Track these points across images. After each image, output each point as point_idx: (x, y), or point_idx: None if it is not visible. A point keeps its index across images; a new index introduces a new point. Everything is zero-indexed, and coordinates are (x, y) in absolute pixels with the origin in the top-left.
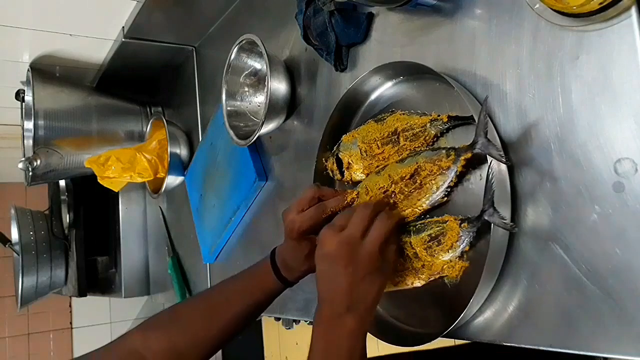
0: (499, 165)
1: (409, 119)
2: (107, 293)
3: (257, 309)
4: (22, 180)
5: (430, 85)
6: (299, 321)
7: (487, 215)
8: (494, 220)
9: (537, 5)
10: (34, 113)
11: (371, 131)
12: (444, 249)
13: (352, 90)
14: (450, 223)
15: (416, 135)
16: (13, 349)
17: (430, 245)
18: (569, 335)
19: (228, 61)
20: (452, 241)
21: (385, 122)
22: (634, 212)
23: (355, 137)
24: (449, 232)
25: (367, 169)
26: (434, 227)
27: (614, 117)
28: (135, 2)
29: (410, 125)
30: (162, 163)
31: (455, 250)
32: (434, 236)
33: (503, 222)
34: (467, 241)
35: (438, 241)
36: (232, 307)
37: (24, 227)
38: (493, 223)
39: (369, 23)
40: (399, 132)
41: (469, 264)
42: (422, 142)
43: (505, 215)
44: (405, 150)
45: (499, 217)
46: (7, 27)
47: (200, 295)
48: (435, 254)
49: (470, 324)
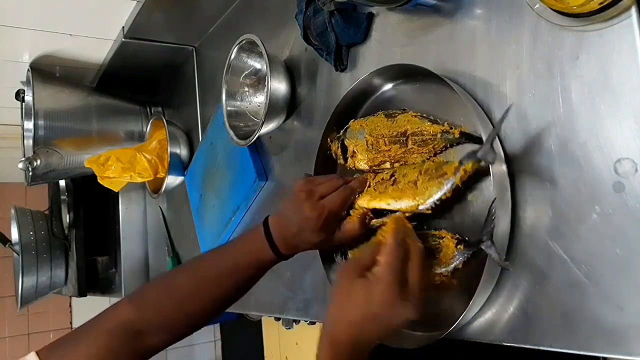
0: (502, 178)
1: (420, 123)
2: (107, 293)
3: (250, 282)
4: (22, 180)
5: (431, 86)
6: (299, 321)
7: (485, 246)
8: (490, 253)
9: (537, 5)
10: (34, 113)
11: (380, 126)
12: (438, 263)
13: (349, 94)
14: (446, 241)
15: (425, 142)
16: (13, 349)
17: (426, 256)
18: (569, 335)
19: (228, 61)
20: (447, 259)
21: (396, 121)
22: (634, 212)
23: (364, 127)
24: (444, 249)
25: (371, 161)
26: (430, 241)
27: (614, 117)
28: (135, 2)
29: (420, 130)
30: (162, 163)
31: (448, 266)
32: (430, 250)
33: (498, 257)
34: (460, 260)
35: (434, 255)
36: (224, 282)
37: (24, 227)
38: (489, 255)
39: (369, 23)
40: (409, 134)
41: (457, 284)
42: (430, 150)
43: (501, 251)
44: (412, 154)
45: (496, 252)
46: (7, 27)
47: (191, 267)
48: (431, 266)
49: (471, 325)
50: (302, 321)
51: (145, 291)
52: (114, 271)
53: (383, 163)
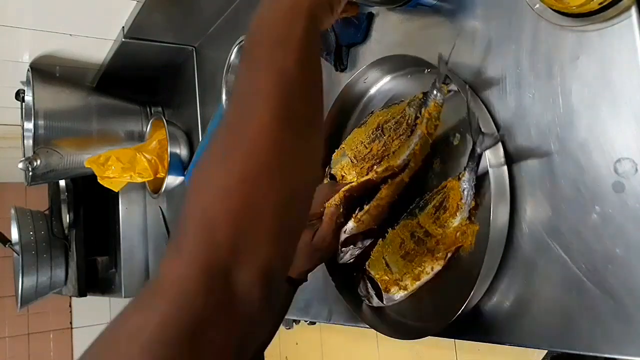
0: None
1: (388, 111)
2: (107, 293)
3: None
4: (22, 180)
5: (426, 78)
6: (299, 321)
7: (479, 144)
8: (487, 144)
9: (537, 5)
10: (34, 113)
11: (356, 136)
12: (451, 213)
13: (348, 87)
14: (449, 184)
15: (398, 122)
16: (13, 349)
17: (438, 215)
18: (569, 335)
19: (228, 61)
20: (457, 200)
21: (367, 123)
22: (634, 212)
23: (343, 148)
24: (450, 193)
25: (360, 174)
26: (436, 197)
27: (614, 117)
28: (135, 2)
29: (390, 115)
30: (162, 163)
31: (462, 210)
32: (438, 205)
33: (494, 139)
34: (470, 194)
35: (444, 208)
36: None
37: (24, 227)
38: (487, 148)
39: (369, 23)
40: (382, 125)
41: (479, 226)
42: (405, 128)
43: (493, 131)
44: (393, 141)
45: (490, 138)
46: (7, 27)
47: None
48: (445, 223)
49: (471, 324)
50: (302, 321)
51: None
52: (114, 271)
53: (370, 170)
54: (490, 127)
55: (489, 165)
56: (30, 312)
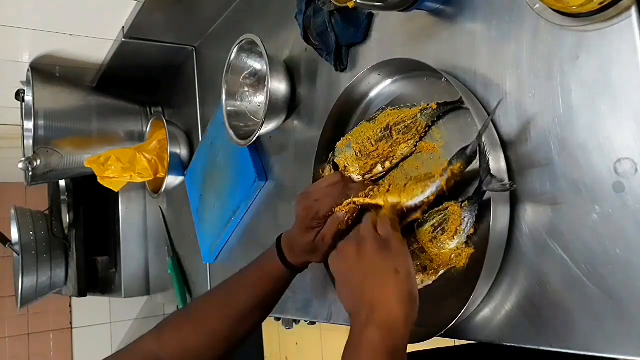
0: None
1: (399, 112)
2: (107, 293)
3: (268, 298)
4: (22, 180)
5: (428, 82)
6: (299, 321)
7: (485, 184)
8: (494, 187)
9: (537, 5)
10: (34, 113)
11: (364, 131)
12: (449, 236)
13: (350, 89)
14: (451, 207)
15: (408, 127)
16: (13, 349)
17: (435, 235)
18: (569, 335)
19: (228, 61)
20: (456, 225)
21: (377, 120)
22: (634, 212)
23: (349, 140)
24: (451, 217)
25: (363, 169)
26: (436, 217)
27: (614, 117)
28: (135, 2)
29: (401, 118)
30: (162, 163)
31: (460, 235)
32: (437, 225)
33: (502, 186)
34: (470, 222)
35: (442, 229)
36: (242, 299)
37: (24, 227)
38: (493, 191)
39: (369, 23)
40: (391, 126)
41: (474, 250)
42: (415, 134)
43: (503, 178)
44: (399, 145)
45: (498, 182)
46: (7, 27)
47: (211, 291)
48: (442, 244)
49: (471, 324)
50: (302, 321)
51: (166, 321)
52: (114, 271)
53: (374, 167)
54: (503, 174)
55: (479, 133)
56: (30, 312)
